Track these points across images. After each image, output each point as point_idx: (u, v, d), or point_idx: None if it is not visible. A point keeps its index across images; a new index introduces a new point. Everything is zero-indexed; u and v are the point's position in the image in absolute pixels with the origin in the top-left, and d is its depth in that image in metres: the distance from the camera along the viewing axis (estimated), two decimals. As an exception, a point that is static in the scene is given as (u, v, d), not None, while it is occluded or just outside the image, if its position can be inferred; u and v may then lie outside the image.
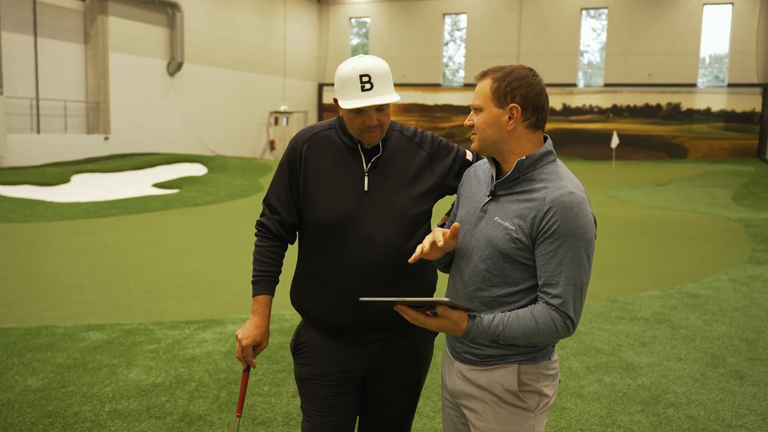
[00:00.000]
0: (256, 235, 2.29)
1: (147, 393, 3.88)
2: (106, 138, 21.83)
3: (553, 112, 28.62)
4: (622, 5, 27.47)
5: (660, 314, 5.76)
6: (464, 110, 30.11)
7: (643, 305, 6.03)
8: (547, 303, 1.74)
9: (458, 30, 31.32)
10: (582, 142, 27.09)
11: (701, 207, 13.43)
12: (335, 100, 2.19)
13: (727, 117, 26.43)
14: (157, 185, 16.46)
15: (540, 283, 1.77)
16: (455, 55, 31.78)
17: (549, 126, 28.52)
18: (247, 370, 2.22)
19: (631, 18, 27.37)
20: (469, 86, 29.89)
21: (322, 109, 33.08)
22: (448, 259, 1.99)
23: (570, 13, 28.30)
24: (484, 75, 1.85)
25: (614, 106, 28.18)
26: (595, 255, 1.90)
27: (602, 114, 28.35)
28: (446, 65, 31.70)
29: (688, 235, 9.68)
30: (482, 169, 2.02)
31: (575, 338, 5.02)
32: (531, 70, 1.84)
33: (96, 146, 21.41)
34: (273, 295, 2.24)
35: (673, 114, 27.25)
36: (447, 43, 31.64)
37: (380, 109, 2.08)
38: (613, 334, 5.17)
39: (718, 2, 26.33)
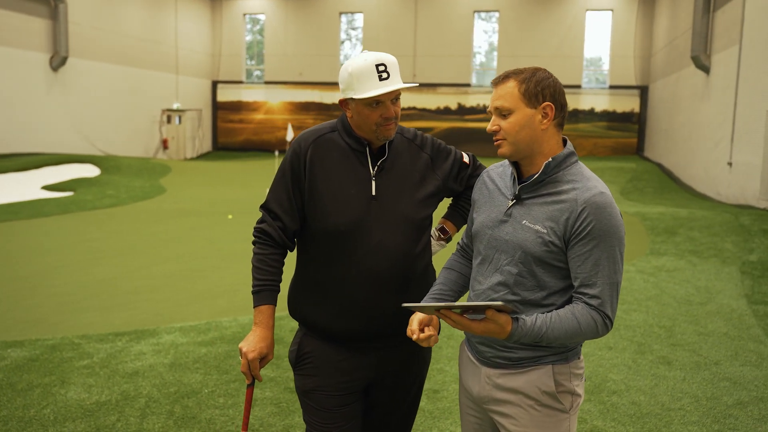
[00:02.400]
0: (255, 243, 2.19)
1: (93, 413, 3.63)
2: (-17, 137, 20.21)
3: (449, 111, 29.34)
4: (512, 9, 28.55)
5: (583, 306, 6.05)
6: (362, 109, 30.21)
7: (567, 298, 6.31)
8: (586, 303, 1.74)
9: (353, 29, 31.41)
10: (477, 141, 27.87)
11: (596, 202, 14.18)
12: (341, 102, 2.14)
13: (609, 117, 28.13)
14: (47, 188, 15.39)
15: (576, 284, 1.76)
16: (352, 53, 31.87)
17: (444, 125, 29.29)
18: (251, 384, 2.13)
19: (520, 21, 28.51)
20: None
21: (217, 107, 32.17)
22: None
23: (463, 14, 29.09)
24: (505, 78, 1.82)
25: (506, 106, 29.20)
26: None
27: (495, 113, 29.31)
28: (343, 64, 31.67)
29: (592, 230, 10.21)
30: (496, 173, 1.99)
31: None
32: (546, 70, 1.84)
33: (-29, 146, 19.78)
34: (276, 305, 2.16)
35: (561, 113, 28.67)
36: (343, 42, 31.66)
37: (394, 101, 2.06)
38: (547, 327, 5.38)
39: (599, 8, 27.97)
